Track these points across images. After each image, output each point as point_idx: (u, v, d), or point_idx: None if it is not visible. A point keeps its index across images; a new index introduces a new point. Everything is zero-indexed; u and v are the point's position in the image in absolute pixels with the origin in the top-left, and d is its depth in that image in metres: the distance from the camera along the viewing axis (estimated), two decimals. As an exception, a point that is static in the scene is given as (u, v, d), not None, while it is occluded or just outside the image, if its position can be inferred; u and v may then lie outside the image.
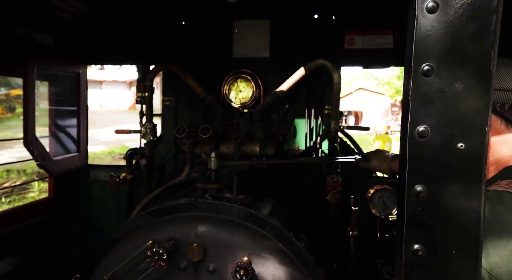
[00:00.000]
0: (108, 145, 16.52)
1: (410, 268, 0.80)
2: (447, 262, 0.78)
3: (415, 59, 0.76)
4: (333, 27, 3.04)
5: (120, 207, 3.37)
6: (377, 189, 2.43)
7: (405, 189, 0.79)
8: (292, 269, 1.70)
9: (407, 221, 0.79)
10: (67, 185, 3.39)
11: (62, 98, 3.28)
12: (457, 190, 0.77)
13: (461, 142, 0.76)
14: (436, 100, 0.77)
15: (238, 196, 1.99)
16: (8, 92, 18.83)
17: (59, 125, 3.24)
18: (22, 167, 10.61)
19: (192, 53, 3.15)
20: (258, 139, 2.35)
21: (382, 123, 31.12)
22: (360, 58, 3.05)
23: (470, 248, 0.77)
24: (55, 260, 3.21)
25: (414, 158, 0.78)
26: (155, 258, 1.65)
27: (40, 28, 2.83)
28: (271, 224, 1.78)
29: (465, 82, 0.75)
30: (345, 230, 2.28)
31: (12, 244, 2.79)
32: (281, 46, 3.06)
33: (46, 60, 2.85)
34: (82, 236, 3.46)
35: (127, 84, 34.52)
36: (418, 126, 0.78)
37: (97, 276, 1.81)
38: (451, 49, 0.74)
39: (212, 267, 1.73)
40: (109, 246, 1.88)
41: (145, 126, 2.71)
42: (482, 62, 0.74)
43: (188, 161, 2.46)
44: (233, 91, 2.82)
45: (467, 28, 0.73)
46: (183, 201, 1.89)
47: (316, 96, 3.10)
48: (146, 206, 2.38)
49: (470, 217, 0.77)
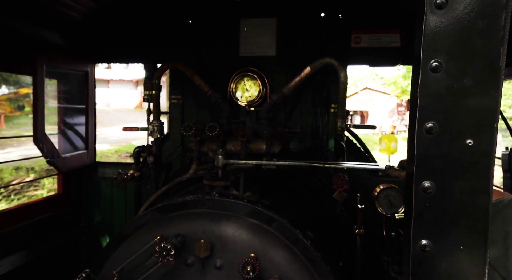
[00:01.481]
0: (115, 143, 16.64)
1: (417, 264, 0.80)
2: (454, 257, 0.78)
3: (424, 55, 0.76)
4: (340, 26, 3.03)
5: (128, 203, 3.40)
6: (383, 187, 2.43)
7: (413, 185, 0.80)
8: (298, 265, 1.71)
9: (414, 217, 0.80)
10: (76, 181, 3.43)
11: (70, 96, 3.32)
12: (465, 186, 0.77)
13: (469, 138, 0.77)
14: (444, 97, 0.77)
15: (245, 193, 2.01)
16: (17, 90, 19.05)
17: (67, 123, 3.28)
18: (30, 165, 10.75)
19: (199, 52, 3.17)
20: (264, 137, 2.35)
21: (388, 123, 30.90)
22: (366, 57, 3.04)
23: (478, 243, 0.77)
24: (64, 255, 3.25)
25: (422, 154, 0.79)
26: (163, 254, 1.67)
27: (49, 26, 2.87)
28: (277, 221, 1.79)
29: (474, 79, 0.75)
30: (351, 228, 2.29)
31: (22, 239, 2.84)
32: (288, 45, 3.06)
33: (55, 58, 2.89)
34: (90, 232, 3.51)
35: (134, 83, 34.68)
36: (426, 123, 0.78)
37: (105, 271, 1.83)
38: (460, 45, 0.75)
39: (219, 263, 1.74)
40: (118, 241, 1.90)
41: (152, 124, 2.73)
42: (491, 58, 0.74)
43: (195, 158, 2.47)
44: (240, 90, 2.84)
45: (476, 24, 0.73)
46: (190, 197, 1.91)
47: (322, 95, 3.10)
48: (154, 202, 2.40)
49: (478, 213, 0.77)
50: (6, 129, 16.59)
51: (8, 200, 8.64)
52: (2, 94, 18.93)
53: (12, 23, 2.53)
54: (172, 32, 3.19)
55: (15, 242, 2.77)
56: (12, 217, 2.80)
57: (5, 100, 18.49)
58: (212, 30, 3.15)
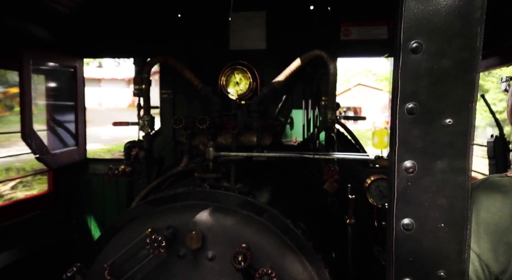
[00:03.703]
0: (107, 142, 16.53)
1: (400, 242, 0.82)
2: (436, 235, 0.80)
3: (404, 36, 0.78)
4: (329, 19, 3.05)
5: (119, 200, 3.39)
6: (374, 179, 2.47)
7: (395, 164, 0.81)
8: (290, 254, 1.73)
9: (397, 196, 0.81)
10: (67, 178, 3.41)
11: (59, 92, 3.29)
12: (444, 165, 0.79)
13: (449, 118, 0.78)
14: (424, 77, 0.78)
15: (236, 185, 2.02)
16: (6, 90, 18.77)
17: (56, 119, 3.25)
18: (21, 166, 10.65)
19: (189, 46, 3.16)
20: (255, 129, 2.36)
21: (381, 119, 31.12)
22: (355, 49, 3.06)
23: (458, 221, 0.79)
24: (56, 253, 3.23)
25: (403, 134, 0.80)
26: (154, 246, 1.67)
27: (35, 21, 2.83)
28: (268, 211, 1.81)
29: (452, 59, 0.77)
30: (343, 218, 2.31)
31: (13, 237, 2.82)
32: (278, 38, 3.07)
33: (42, 53, 2.86)
34: (82, 229, 3.49)
35: (126, 82, 34.41)
36: (407, 103, 0.79)
37: (97, 264, 1.83)
38: (439, 26, 0.76)
39: (211, 254, 1.75)
40: (109, 235, 1.90)
41: (143, 118, 2.72)
42: (469, 39, 0.75)
43: (186, 151, 2.47)
44: (230, 83, 2.84)
45: (455, 4, 0.74)
46: (181, 190, 1.91)
47: (313, 88, 3.12)
48: (145, 196, 2.40)
49: (457, 191, 0.79)
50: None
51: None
52: (-10, 95, 18.66)
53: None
54: (161, 26, 3.17)
55: (6, 239, 2.75)
56: (2, 214, 2.77)
57: (-7, 100, 18.22)
58: (202, 24, 3.14)
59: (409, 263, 0.81)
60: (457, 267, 0.79)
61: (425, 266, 0.80)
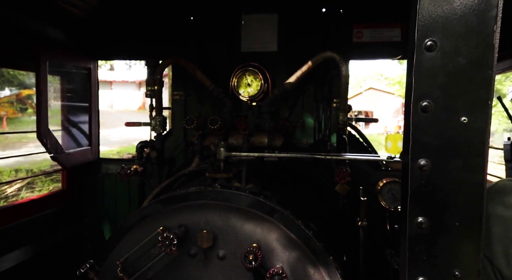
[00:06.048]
0: (117, 144, 16.73)
1: (414, 240, 0.81)
2: (450, 234, 0.79)
3: (418, 35, 0.78)
4: (341, 21, 3.04)
5: (131, 199, 3.43)
6: (387, 181, 2.44)
7: (409, 163, 0.81)
8: (301, 255, 1.72)
9: (411, 195, 0.81)
10: (80, 177, 3.46)
11: (73, 93, 3.36)
12: (460, 163, 0.78)
13: (464, 116, 0.78)
14: (439, 75, 0.78)
15: (247, 185, 2.02)
16: (20, 92, 19.18)
17: (71, 120, 3.32)
18: (30, 167, 10.86)
19: (201, 47, 3.19)
20: (266, 130, 2.37)
21: (393, 123, 30.79)
22: (368, 51, 3.05)
23: (473, 220, 0.78)
24: (68, 251, 3.28)
25: (417, 132, 0.80)
26: (166, 243, 1.69)
27: (52, 23, 2.90)
28: (279, 212, 1.81)
29: (468, 57, 0.76)
30: (354, 220, 2.29)
31: (26, 234, 2.87)
32: (289, 40, 3.08)
33: (58, 55, 2.93)
34: (94, 228, 3.54)
35: (137, 84, 34.84)
36: (421, 101, 0.79)
37: (110, 261, 1.86)
38: (454, 24, 0.76)
39: (222, 253, 1.76)
40: (121, 233, 1.93)
41: (155, 119, 2.75)
42: (484, 36, 0.75)
43: (198, 152, 2.49)
44: (241, 85, 2.85)
45: (470, 2, 0.74)
46: (192, 189, 1.93)
47: (324, 90, 3.11)
48: (157, 195, 2.42)
49: (473, 190, 0.78)
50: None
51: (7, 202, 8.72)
52: (4, 96, 19.10)
53: (17, 20, 2.56)
54: (174, 28, 3.22)
55: (20, 237, 2.80)
56: (16, 212, 2.83)
57: (7, 102, 18.64)
58: (214, 26, 3.17)
59: (423, 262, 0.81)
60: (472, 266, 0.78)
61: (440, 265, 0.80)
